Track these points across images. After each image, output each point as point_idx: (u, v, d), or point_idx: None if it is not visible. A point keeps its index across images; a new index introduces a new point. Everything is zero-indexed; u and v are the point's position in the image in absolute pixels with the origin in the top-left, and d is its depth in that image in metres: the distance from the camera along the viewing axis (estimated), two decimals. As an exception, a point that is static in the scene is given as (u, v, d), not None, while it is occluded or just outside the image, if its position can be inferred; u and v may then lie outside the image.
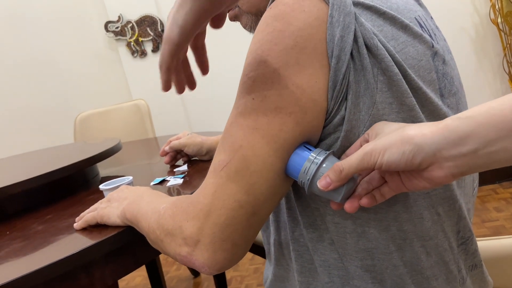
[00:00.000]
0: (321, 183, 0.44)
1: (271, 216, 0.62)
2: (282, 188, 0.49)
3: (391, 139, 0.41)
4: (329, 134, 0.49)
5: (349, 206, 0.46)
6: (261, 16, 0.63)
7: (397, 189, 0.46)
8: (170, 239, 0.50)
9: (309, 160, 0.46)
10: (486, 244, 0.74)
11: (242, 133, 0.46)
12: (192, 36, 0.44)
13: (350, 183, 0.45)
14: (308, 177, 0.46)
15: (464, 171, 0.40)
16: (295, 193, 0.55)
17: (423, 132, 0.40)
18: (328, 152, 0.46)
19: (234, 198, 0.45)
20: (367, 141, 0.46)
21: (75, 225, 0.73)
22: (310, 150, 0.47)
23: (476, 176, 0.62)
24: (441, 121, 0.40)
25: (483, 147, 0.37)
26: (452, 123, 0.39)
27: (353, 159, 0.43)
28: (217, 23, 0.48)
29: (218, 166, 0.47)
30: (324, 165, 0.45)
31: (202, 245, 0.46)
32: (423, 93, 0.49)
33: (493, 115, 0.37)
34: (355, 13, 0.47)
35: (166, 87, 0.49)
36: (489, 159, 0.38)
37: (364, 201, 0.46)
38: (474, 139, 0.38)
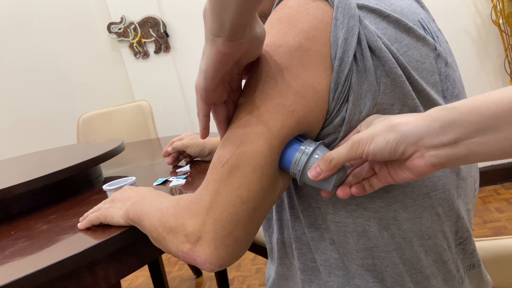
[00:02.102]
0: (311, 173, 0.45)
1: (274, 215, 0.62)
2: (281, 183, 0.49)
3: (377, 128, 0.42)
4: (329, 135, 0.49)
5: (341, 192, 0.46)
6: (265, 17, 0.63)
7: (385, 181, 0.46)
8: (172, 236, 0.50)
9: (300, 151, 0.46)
10: (487, 245, 0.74)
11: (243, 129, 0.47)
12: (217, 80, 0.45)
13: (340, 173, 0.46)
14: (299, 168, 0.46)
15: (444, 162, 0.40)
16: (297, 192, 0.55)
17: (406, 120, 0.41)
18: (318, 143, 0.47)
19: (236, 194, 0.46)
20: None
21: (79, 225, 0.74)
22: (301, 141, 0.47)
23: (477, 177, 0.62)
24: (427, 111, 0.41)
25: (463, 138, 0.38)
26: (436, 113, 0.39)
27: (342, 148, 0.44)
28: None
29: (218, 162, 0.47)
30: (314, 155, 0.46)
31: (204, 242, 0.46)
32: (426, 94, 0.50)
33: (476, 107, 0.37)
34: (359, 16, 0.48)
35: (205, 134, 0.51)
36: (469, 151, 0.38)
37: (354, 190, 0.47)
38: (455, 129, 0.38)
